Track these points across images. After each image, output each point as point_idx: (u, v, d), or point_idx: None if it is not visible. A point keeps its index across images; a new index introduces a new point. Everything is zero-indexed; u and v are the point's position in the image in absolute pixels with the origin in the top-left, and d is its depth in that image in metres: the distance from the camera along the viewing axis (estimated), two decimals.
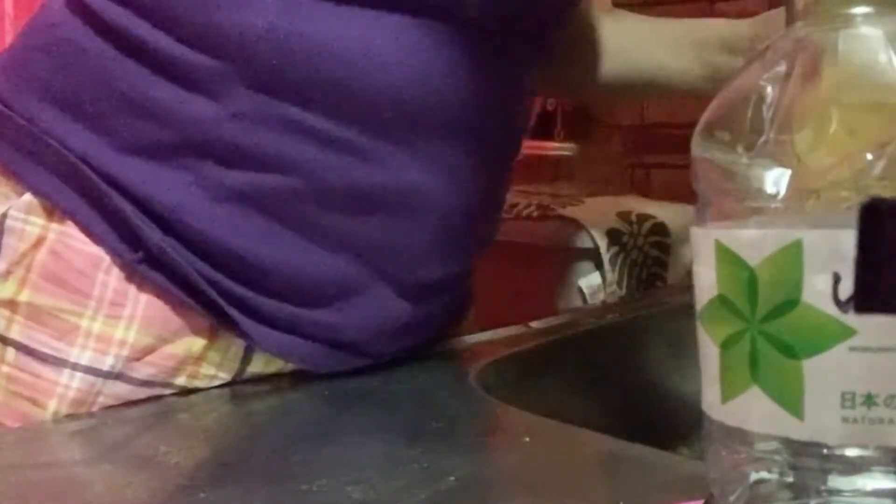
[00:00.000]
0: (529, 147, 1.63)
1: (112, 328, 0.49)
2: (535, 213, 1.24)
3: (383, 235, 0.53)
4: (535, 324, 0.70)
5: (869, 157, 0.23)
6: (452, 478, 0.39)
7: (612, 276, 1.12)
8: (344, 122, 0.49)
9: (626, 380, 0.72)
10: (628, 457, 0.42)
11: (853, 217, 0.21)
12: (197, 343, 0.51)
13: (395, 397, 0.55)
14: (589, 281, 1.13)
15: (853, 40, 0.25)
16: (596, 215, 1.15)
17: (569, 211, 1.19)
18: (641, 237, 1.16)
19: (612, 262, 1.13)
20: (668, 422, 0.70)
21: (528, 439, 0.45)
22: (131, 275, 0.49)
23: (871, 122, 0.24)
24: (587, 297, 1.11)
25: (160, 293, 0.50)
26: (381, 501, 0.37)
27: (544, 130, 1.75)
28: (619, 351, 0.72)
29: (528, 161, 1.55)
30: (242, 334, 0.51)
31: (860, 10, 0.25)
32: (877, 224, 0.21)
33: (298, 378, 0.56)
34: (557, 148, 1.52)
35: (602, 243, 1.12)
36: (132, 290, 0.49)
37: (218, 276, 0.50)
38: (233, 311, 0.50)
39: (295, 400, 0.53)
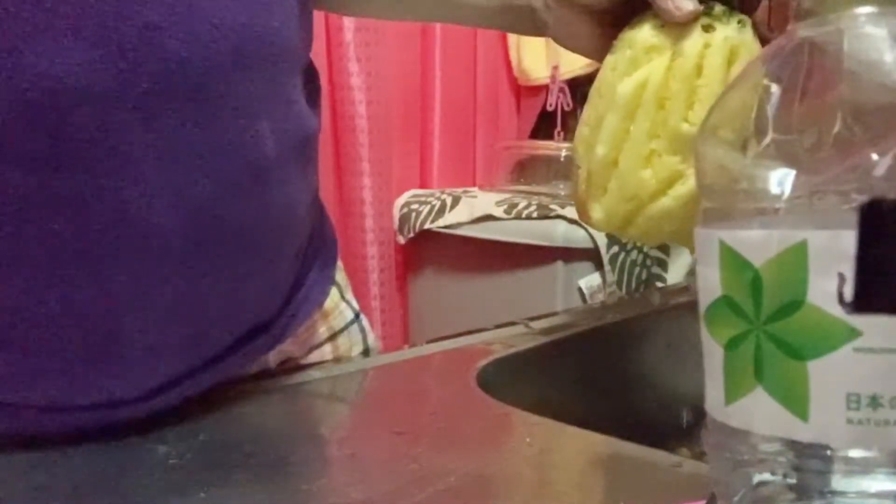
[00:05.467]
0: (529, 147, 1.63)
1: None
2: (535, 213, 1.24)
3: None
4: (535, 324, 0.70)
5: (875, 157, 0.23)
6: (452, 478, 0.39)
7: (612, 276, 1.12)
8: None
9: (626, 380, 0.72)
10: (628, 457, 0.42)
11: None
12: None
13: (395, 397, 0.54)
14: (589, 281, 1.13)
15: (858, 40, 0.25)
16: None
17: (569, 211, 1.19)
18: None
19: (612, 262, 1.13)
20: (668, 422, 0.70)
21: (528, 439, 0.45)
22: None
23: (876, 122, 0.24)
24: (587, 297, 1.11)
25: None
26: (381, 501, 0.37)
27: (544, 130, 1.75)
28: (619, 351, 0.72)
29: (528, 161, 1.55)
30: None
31: (865, 9, 0.25)
32: (877, 224, 0.21)
33: (298, 378, 0.56)
34: (557, 148, 1.52)
35: (602, 243, 1.13)
36: None
37: None
38: None
39: (295, 400, 0.53)
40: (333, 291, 0.64)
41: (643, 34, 0.45)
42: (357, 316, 0.67)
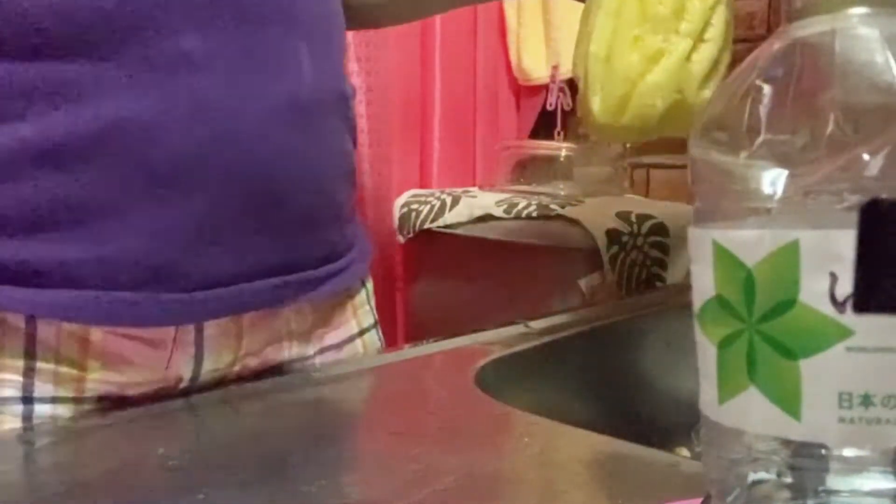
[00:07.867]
0: (529, 147, 1.63)
1: None
2: (535, 213, 1.24)
3: None
4: (534, 324, 0.70)
5: (866, 157, 0.23)
6: (452, 478, 0.39)
7: (611, 276, 1.12)
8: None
9: (625, 380, 0.72)
10: (628, 457, 0.42)
11: (850, 217, 0.21)
12: None
13: (395, 397, 0.55)
14: (589, 281, 1.13)
15: (850, 41, 0.25)
16: (596, 215, 1.15)
17: (569, 211, 1.19)
18: (641, 237, 1.16)
19: (612, 262, 1.13)
20: (667, 422, 0.70)
21: (527, 439, 0.45)
22: None
23: (868, 122, 0.24)
24: (587, 296, 1.11)
25: None
26: (381, 501, 0.37)
27: (544, 130, 1.75)
28: (619, 351, 0.72)
29: (528, 161, 1.55)
30: None
31: (857, 10, 0.25)
32: (877, 224, 0.21)
33: (298, 378, 0.56)
34: (557, 148, 1.52)
35: (602, 243, 1.13)
36: None
37: None
38: None
39: (294, 400, 0.53)
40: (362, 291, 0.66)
41: None
42: (376, 322, 0.68)
